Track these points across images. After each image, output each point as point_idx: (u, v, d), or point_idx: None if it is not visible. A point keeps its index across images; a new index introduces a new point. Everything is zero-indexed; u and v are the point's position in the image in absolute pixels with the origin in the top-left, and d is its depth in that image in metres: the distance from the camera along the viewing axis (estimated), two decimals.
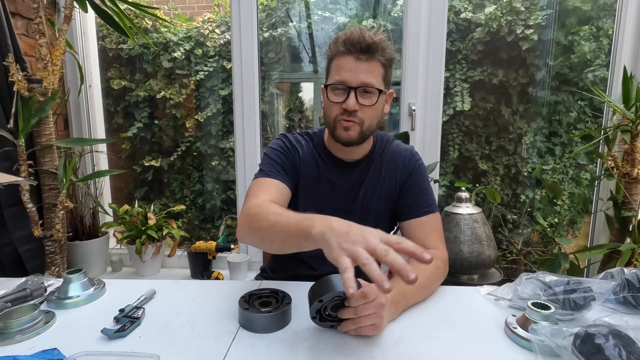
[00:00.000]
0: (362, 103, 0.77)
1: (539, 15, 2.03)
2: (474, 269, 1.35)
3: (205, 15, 2.45)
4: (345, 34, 0.77)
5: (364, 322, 0.57)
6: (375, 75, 0.77)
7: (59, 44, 1.20)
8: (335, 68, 0.78)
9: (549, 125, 2.25)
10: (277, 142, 0.90)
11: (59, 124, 1.64)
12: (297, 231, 0.59)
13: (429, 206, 0.85)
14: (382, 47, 0.76)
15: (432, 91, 1.51)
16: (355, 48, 0.75)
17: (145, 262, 1.62)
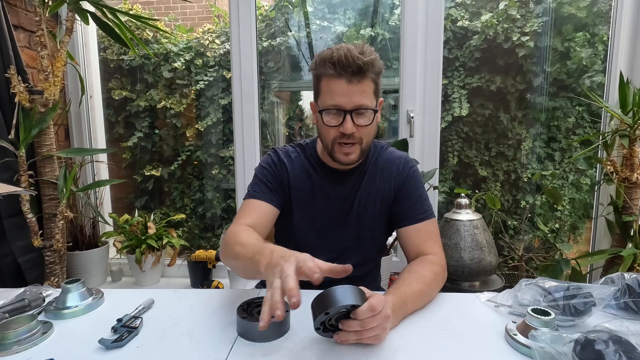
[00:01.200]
0: (358, 124, 0.77)
1: (534, 22, 2.05)
2: (475, 276, 1.34)
3: (205, 26, 2.48)
4: (332, 55, 0.75)
5: (368, 334, 0.57)
6: (368, 93, 0.77)
7: (60, 56, 1.22)
8: (327, 91, 0.77)
9: (547, 131, 2.26)
10: (265, 160, 0.90)
11: (60, 135, 1.66)
12: (251, 265, 0.63)
13: (424, 212, 0.85)
14: (372, 64, 0.76)
15: (430, 98, 1.52)
16: (347, 72, 0.74)
17: (145, 271, 1.61)
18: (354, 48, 0.75)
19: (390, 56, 2.31)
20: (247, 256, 0.65)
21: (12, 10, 1.43)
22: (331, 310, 0.54)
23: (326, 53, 0.77)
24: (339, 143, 0.79)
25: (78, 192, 1.30)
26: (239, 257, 0.68)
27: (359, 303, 0.55)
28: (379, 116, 0.85)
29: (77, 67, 1.51)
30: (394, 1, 2.26)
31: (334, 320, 0.58)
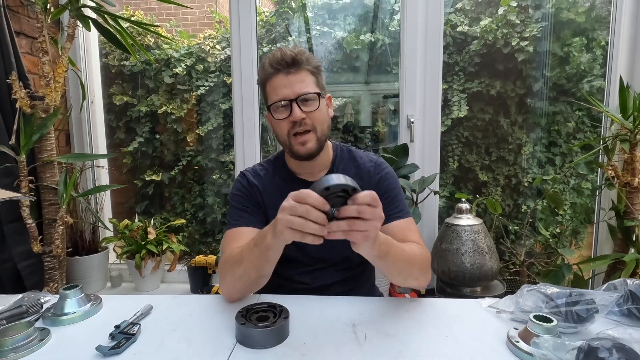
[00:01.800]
0: (307, 110, 0.79)
1: (534, 27, 2.06)
2: (476, 281, 1.33)
3: (206, 32, 2.50)
4: (268, 57, 0.81)
5: (360, 226, 0.56)
6: (308, 82, 0.80)
7: (62, 62, 1.23)
8: (271, 89, 0.80)
9: (548, 136, 2.25)
10: (235, 186, 0.91)
11: (61, 140, 1.66)
12: (258, 253, 0.67)
13: (399, 212, 0.85)
14: (306, 57, 0.80)
15: (430, 103, 1.52)
16: (282, 65, 0.79)
17: (144, 277, 1.61)
18: (287, 48, 0.81)
19: (390, 61, 2.32)
20: (250, 252, 0.68)
21: (14, 17, 1.44)
22: (332, 187, 0.55)
23: (265, 59, 0.82)
24: (294, 135, 0.80)
25: (78, 198, 1.30)
26: (243, 254, 0.70)
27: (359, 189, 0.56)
28: (331, 111, 0.87)
29: (79, 73, 1.52)
30: (393, 7, 2.27)
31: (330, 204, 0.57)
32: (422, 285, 0.79)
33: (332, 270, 0.88)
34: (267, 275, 0.73)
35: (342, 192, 0.56)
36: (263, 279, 0.74)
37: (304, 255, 0.87)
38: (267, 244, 0.65)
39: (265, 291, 0.84)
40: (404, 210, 0.86)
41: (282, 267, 0.82)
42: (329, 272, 0.88)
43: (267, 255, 0.67)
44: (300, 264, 0.87)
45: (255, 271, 0.71)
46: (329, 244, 0.86)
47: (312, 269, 0.87)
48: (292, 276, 0.88)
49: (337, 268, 0.88)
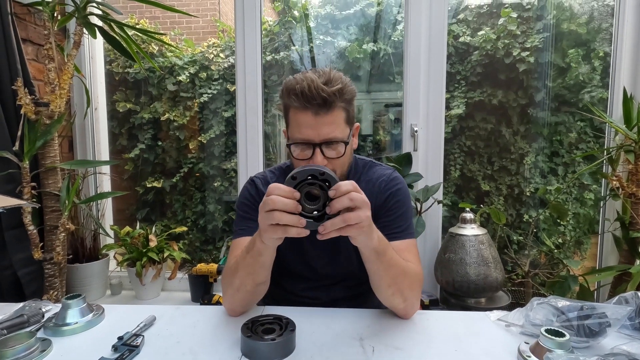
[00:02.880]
0: (329, 157, 0.73)
1: (535, 38, 2.08)
2: (481, 292, 1.32)
3: (210, 40, 2.52)
4: (294, 87, 0.71)
5: (352, 218, 0.55)
6: (338, 124, 0.73)
7: (68, 69, 1.23)
8: (295, 124, 0.74)
9: (550, 146, 2.25)
10: (243, 194, 0.88)
11: (64, 146, 1.66)
12: (250, 260, 0.66)
13: (401, 232, 0.79)
14: (339, 93, 0.71)
15: (433, 112, 1.52)
16: (312, 104, 0.70)
17: (145, 285, 1.59)
18: (317, 78, 0.71)
19: (393, 70, 2.33)
20: (243, 261, 0.68)
21: (20, 23, 1.45)
22: (298, 175, 0.56)
23: (290, 83, 0.73)
24: None
25: (80, 204, 1.29)
26: (238, 264, 0.69)
27: (332, 174, 0.57)
28: (355, 141, 0.82)
29: (84, 79, 1.52)
30: (396, 17, 2.29)
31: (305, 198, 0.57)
32: (407, 310, 0.73)
33: (339, 287, 0.86)
34: (264, 282, 0.72)
35: (311, 178, 0.57)
36: (261, 287, 0.73)
37: (309, 271, 0.85)
38: (257, 249, 0.64)
39: (270, 303, 0.83)
40: (407, 230, 0.81)
41: (288, 282, 0.81)
42: (336, 288, 0.86)
43: (260, 261, 0.66)
44: (306, 279, 0.86)
45: (250, 279, 0.69)
46: (333, 259, 0.85)
47: (318, 285, 0.86)
48: (298, 291, 0.87)
49: (344, 284, 0.86)
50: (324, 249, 0.82)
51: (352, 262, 0.83)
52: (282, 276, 0.85)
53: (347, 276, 0.85)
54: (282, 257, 0.82)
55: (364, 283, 0.87)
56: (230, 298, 0.73)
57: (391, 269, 0.68)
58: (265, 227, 0.57)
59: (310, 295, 0.85)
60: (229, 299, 0.74)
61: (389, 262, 0.67)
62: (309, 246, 0.83)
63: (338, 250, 0.83)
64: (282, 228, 0.55)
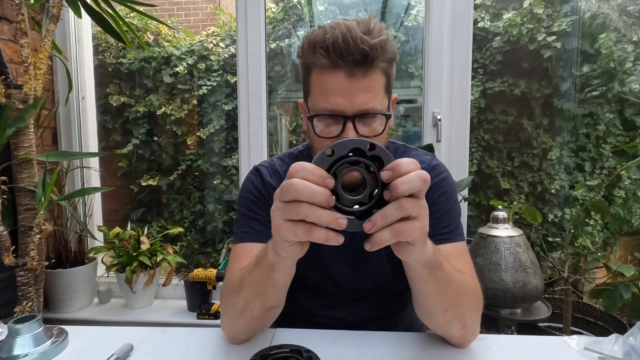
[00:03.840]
0: (363, 134, 0.56)
1: (562, 22, 1.92)
2: (518, 302, 1.15)
3: (209, 29, 2.37)
4: (323, 38, 0.54)
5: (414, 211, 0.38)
6: (377, 91, 0.56)
7: (44, 46, 1.07)
8: (320, 89, 0.56)
9: (575, 140, 2.10)
10: (245, 186, 0.69)
11: (46, 138, 1.50)
12: (259, 275, 0.49)
13: (450, 232, 0.63)
14: (383, 47, 0.54)
15: (458, 98, 1.36)
16: (347, 61, 0.53)
17: (136, 292, 1.43)
18: (356, 26, 0.54)
19: (406, 60, 2.17)
20: (249, 276, 0.51)
21: None
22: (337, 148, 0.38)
23: (317, 34, 0.56)
24: None
25: (60, 202, 1.13)
26: (242, 289, 0.52)
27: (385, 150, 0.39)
28: (392, 118, 0.63)
29: (66, 62, 1.37)
30: (409, 1, 2.14)
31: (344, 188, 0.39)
32: (466, 338, 0.56)
33: (366, 303, 0.68)
34: (276, 305, 0.54)
35: (353, 155, 0.39)
36: (273, 312, 0.55)
37: (330, 283, 0.67)
38: (269, 261, 0.47)
39: (282, 324, 0.66)
40: (456, 231, 0.64)
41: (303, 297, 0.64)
42: (362, 306, 0.68)
43: (273, 278, 0.49)
44: (326, 294, 0.68)
45: (259, 302, 0.52)
46: (360, 269, 0.65)
47: (340, 302, 0.68)
48: (316, 310, 0.69)
49: (372, 301, 0.69)
50: (347, 254, 0.65)
51: (384, 272, 0.66)
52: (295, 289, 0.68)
53: (377, 290, 0.68)
54: (302, 271, 0.65)
55: (396, 299, 0.69)
56: (232, 323, 0.57)
57: (448, 288, 0.50)
58: (282, 225, 0.39)
59: (331, 314, 0.68)
60: (229, 324, 0.57)
61: (445, 278, 0.49)
62: (329, 250, 0.65)
63: (366, 256, 0.65)
64: (306, 227, 0.38)
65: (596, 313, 1.37)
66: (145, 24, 2.26)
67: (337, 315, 0.68)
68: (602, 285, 1.19)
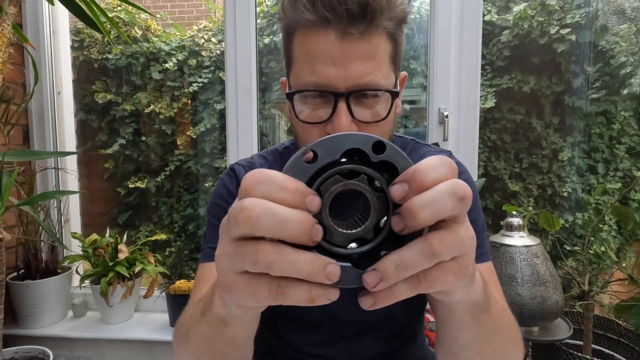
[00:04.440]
0: (361, 119, 0.43)
1: (575, 14, 1.80)
2: (537, 320, 1.02)
3: (201, 24, 2.27)
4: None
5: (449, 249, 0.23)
6: (381, 61, 0.43)
7: (3, 32, 0.95)
8: (303, 56, 0.44)
9: (588, 140, 1.98)
10: (217, 191, 0.56)
11: (16, 136, 1.37)
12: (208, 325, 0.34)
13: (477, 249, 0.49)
14: (388, 1, 0.42)
15: (467, 93, 1.24)
16: (339, 14, 0.40)
17: (112, 306, 1.30)
18: None
19: (407, 56, 2.06)
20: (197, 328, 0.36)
21: None
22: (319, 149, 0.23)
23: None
24: None
25: (22, 207, 1.00)
26: (188, 342, 0.38)
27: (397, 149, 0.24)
28: (399, 103, 0.50)
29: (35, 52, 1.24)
30: None
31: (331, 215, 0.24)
32: None
33: (367, 338, 0.55)
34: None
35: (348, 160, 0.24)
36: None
37: (321, 314, 0.53)
38: (217, 314, 0.32)
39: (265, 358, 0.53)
40: (482, 249, 0.50)
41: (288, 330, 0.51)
42: (361, 341, 0.55)
43: (226, 335, 0.34)
44: (316, 328, 0.55)
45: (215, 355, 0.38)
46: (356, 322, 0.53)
47: (335, 337, 0.55)
48: (304, 346, 0.55)
49: (374, 335, 0.55)
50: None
51: None
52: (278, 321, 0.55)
53: (381, 322, 0.54)
54: None
55: (405, 331, 0.56)
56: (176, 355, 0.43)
57: (496, 335, 0.37)
58: (232, 281, 0.25)
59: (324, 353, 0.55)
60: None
61: (494, 322, 0.35)
62: None
63: None
64: (274, 284, 0.23)
65: (620, 330, 1.24)
66: (133, 18, 2.15)
67: (331, 353, 0.55)
68: (629, 301, 1.06)
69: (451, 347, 0.39)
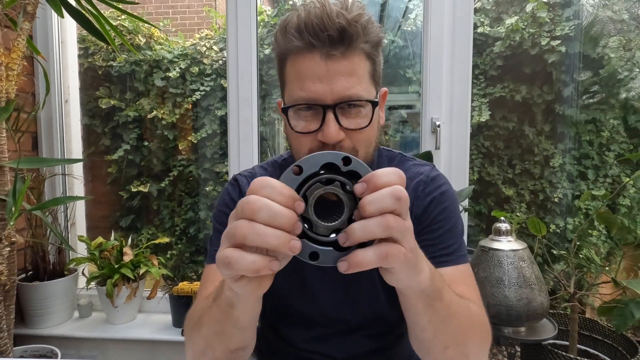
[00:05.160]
0: (347, 127, 0.50)
1: (565, 26, 1.87)
2: (523, 321, 1.08)
3: (203, 32, 2.32)
4: (293, 18, 0.49)
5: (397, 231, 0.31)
6: (361, 76, 0.50)
7: (17, 45, 1.00)
8: (295, 77, 0.51)
9: (578, 147, 2.04)
10: (221, 199, 0.63)
11: (25, 143, 1.43)
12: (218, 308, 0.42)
13: (452, 253, 0.56)
14: (363, 27, 0.49)
15: (458, 103, 1.30)
16: (322, 39, 0.47)
17: (117, 307, 1.35)
18: (332, 1, 0.49)
19: (404, 64, 2.12)
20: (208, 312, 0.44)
21: None
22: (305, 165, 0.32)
23: (289, 17, 0.51)
24: None
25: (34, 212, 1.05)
26: (202, 326, 0.45)
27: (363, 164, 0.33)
28: (383, 115, 0.57)
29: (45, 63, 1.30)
30: (407, 5, 2.09)
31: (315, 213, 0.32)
32: None
33: (357, 336, 0.60)
34: (243, 347, 0.47)
35: (325, 171, 0.33)
36: (239, 354, 0.47)
37: (315, 312, 0.59)
38: (226, 297, 0.39)
39: (267, 355, 0.58)
40: (459, 251, 0.57)
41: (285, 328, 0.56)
42: (354, 338, 0.60)
43: (233, 317, 0.41)
44: (311, 325, 0.60)
45: (220, 342, 0.44)
46: (352, 296, 0.57)
47: (328, 334, 0.60)
48: (300, 343, 0.61)
49: (364, 333, 0.60)
50: (336, 279, 0.57)
51: (378, 299, 0.58)
52: (277, 319, 0.60)
53: (370, 320, 0.60)
54: (274, 289, 0.57)
55: (393, 329, 0.61)
56: (186, 344, 0.49)
57: (451, 322, 0.43)
58: (221, 255, 0.32)
59: (318, 349, 0.60)
60: (186, 344, 0.50)
61: (446, 311, 0.42)
62: (314, 274, 0.58)
63: (357, 280, 0.58)
64: (262, 258, 0.31)
65: (604, 330, 1.29)
66: (137, 27, 2.21)
67: (325, 350, 0.60)
68: (611, 302, 1.11)
69: (414, 330, 0.46)
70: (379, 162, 0.63)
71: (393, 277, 0.35)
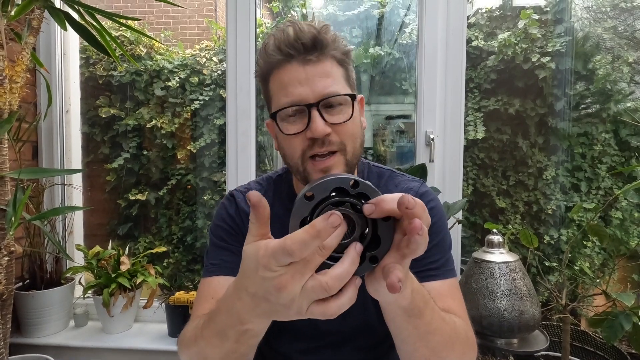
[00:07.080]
0: (332, 122, 0.55)
1: (556, 42, 1.91)
2: (515, 332, 1.09)
3: (202, 43, 2.36)
4: (273, 37, 0.56)
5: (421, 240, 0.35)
6: (335, 77, 0.56)
7: (22, 59, 1.03)
8: (279, 86, 0.56)
9: (571, 159, 2.08)
10: (218, 214, 0.65)
11: (26, 153, 1.44)
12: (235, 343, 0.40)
13: (439, 268, 0.58)
14: (332, 38, 0.56)
15: (452, 116, 1.33)
16: (297, 48, 0.54)
17: (114, 316, 1.35)
18: (300, 22, 0.57)
19: (400, 77, 2.16)
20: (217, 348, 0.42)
21: None
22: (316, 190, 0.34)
23: (266, 41, 0.58)
24: (311, 158, 0.55)
25: (32, 221, 1.07)
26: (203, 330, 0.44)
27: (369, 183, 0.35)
28: (364, 119, 0.62)
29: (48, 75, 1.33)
30: (403, 19, 2.14)
31: None
32: None
33: (347, 348, 0.62)
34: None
35: (336, 194, 0.35)
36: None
37: (305, 324, 0.59)
38: (250, 330, 0.39)
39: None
40: (446, 266, 0.59)
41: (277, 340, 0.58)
42: (345, 350, 0.62)
43: (251, 344, 0.42)
44: (302, 337, 0.62)
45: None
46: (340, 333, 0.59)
47: (319, 345, 0.62)
48: (293, 354, 0.62)
49: (355, 344, 0.62)
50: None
51: (368, 311, 0.60)
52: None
53: (361, 332, 0.61)
54: None
55: (383, 342, 0.63)
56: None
57: (431, 338, 0.44)
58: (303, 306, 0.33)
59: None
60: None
61: (427, 326, 0.43)
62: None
63: None
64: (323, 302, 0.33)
65: (596, 342, 1.31)
66: (138, 37, 2.24)
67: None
68: (601, 314, 1.13)
69: (396, 342, 0.48)
70: (368, 178, 0.66)
71: (372, 288, 0.37)
